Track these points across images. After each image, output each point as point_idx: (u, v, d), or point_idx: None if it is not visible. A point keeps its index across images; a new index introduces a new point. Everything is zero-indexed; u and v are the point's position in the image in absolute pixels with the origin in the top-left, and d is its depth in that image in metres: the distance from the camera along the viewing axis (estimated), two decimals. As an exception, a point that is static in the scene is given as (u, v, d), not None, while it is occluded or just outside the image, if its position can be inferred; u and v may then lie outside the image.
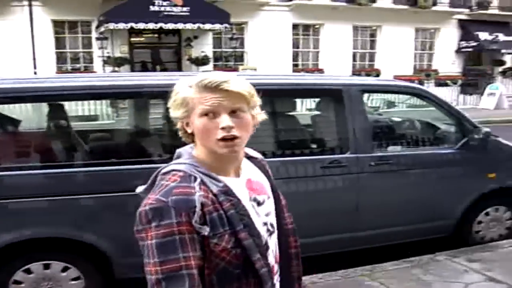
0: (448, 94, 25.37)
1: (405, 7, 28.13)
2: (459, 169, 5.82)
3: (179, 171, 1.68)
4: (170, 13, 21.58)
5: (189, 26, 22.07)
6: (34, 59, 21.60)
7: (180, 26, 21.90)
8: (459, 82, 28.38)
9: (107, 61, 22.58)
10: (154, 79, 5.04)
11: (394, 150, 5.60)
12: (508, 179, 6.10)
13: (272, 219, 1.86)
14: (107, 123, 12.96)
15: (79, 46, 23.45)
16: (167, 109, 1.76)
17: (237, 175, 1.80)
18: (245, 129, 1.69)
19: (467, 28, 30.23)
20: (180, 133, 1.78)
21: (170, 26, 21.73)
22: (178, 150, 1.83)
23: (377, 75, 26.31)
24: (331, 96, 5.48)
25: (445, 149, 5.85)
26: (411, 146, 5.95)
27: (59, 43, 23.01)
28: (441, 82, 27.81)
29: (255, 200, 1.79)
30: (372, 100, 7.12)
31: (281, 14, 26.07)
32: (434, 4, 28.74)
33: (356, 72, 26.91)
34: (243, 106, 1.67)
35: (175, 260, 1.53)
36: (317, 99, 6.04)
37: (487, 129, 5.74)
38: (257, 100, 1.74)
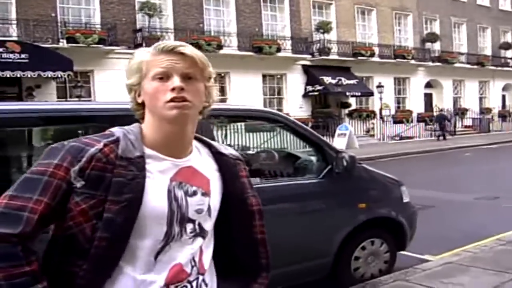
0: (299, 137, 25.67)
1: (251, 53, 28.65)
2: (326, 201, 5.27)
3: (110, 131, 1.70)
4: (7, 60, 20.05)
5: (28, 74, 20.68)
6: None
7: (18, 74, 20.46)
8: (310, 124, 29.00)
9: None
10: None
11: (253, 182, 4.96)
12: (380, 208, 5.69)
13: (204, 220, 1.74)
14: None
15: None
16: None
17: (178, 157, 1.72)
18: (196, 96, 1.68)
19: (311, 73, 31.45)
20: (131, 106, 1.76)
21: (8, 74, 20.14)
22: None
23: (228, 121, 26.12)
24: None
25: (308, 179, 5.28)
26: (269, 178, 5.35)
27: None
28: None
29: (180, 186, 1.69)
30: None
31: (127, 62, 25.21)
32: (279, 50, 29.51)
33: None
34: (196, 72, 1.68)
35: (25, 199, 1.52)
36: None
37: (352, 154, 5.27)
38: (211, 73, 1.75)
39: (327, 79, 30.89)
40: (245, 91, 28.19)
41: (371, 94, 33.43)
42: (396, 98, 36.88)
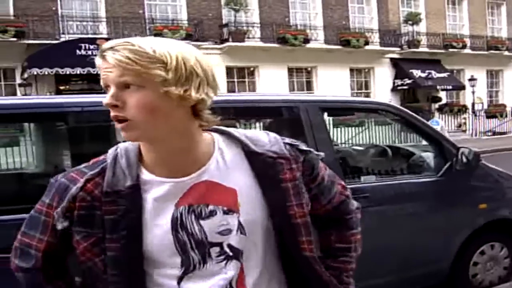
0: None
1: (338, 47, 28.10)
2: (445, 201, 4.83)
3: (108, 153, 1.50)
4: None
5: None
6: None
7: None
8: (399, 119, 28.28)
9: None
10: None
11: (368, 181, 4.58)
12: (500, 209, 5.19)
13: (237, 240, 1.45)
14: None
15: (2, 94, 21.87)
16: None
17: (184, 175, 1.43)
18: (141, 110, 1.32)
19: (400, 66, 30.52)
20: None
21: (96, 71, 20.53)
22: None
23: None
24: (286, 114, 4.51)
25: (426, 177, 4.88)
26: (385, 175, 4.98)
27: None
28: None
29: (190, 210, 1.42)
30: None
31: (213, 57, 25.39)
32: (366, 43, 28.79)
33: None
34: (135, 78, 1.31)
35: (31, 237, 1.51)
36: (268, 119, 5.03)
37: (475, 149, 4.81)
38: (162, 72, 1.31)
39: (417, 73, 29.93)
40: (332, 85, 27.61)
41: (463, 87, 32.11)
42: (489, 91, 35.25)
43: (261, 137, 1.56)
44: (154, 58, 1.31)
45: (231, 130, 1.55)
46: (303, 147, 1.60)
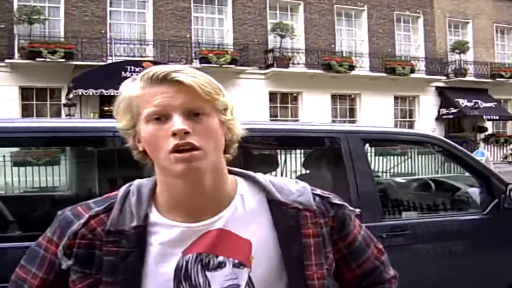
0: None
1: (383, 74, 27.84)
2: (491, 240, 4.55)
3: (121, 188, 1.39)
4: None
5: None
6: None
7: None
8: (443, 149, 27.76)
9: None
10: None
11: (409, 217, 4.39)
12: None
13: None
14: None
15: (47, 114, 22.36)
16: None
17: (199, 220, 1.30)
18: (209, 138, 1.23)
19: (445, 95, 30.02)
20: (135, 156, 1.36)
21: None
22: None
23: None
24: (327, 144, 4.37)
25: (471, 215, 4.66)
26: (427, 211, 4.78)
27: (27, 110, 22.03)
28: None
29: (198, 259, 1.28)
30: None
31: (257, 82, 25.44)
32: (412, 71, 28.45)
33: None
34: (204, 106, 1.25)
35: (27, 271, 1.39)
36: (308, 149, 4.89)
37: None
38: (228, 102, 1.31)
39: (463, 102, 29.36)
40: (375, 113, 27.38)
41: (510, 118, 31.46)
42: (537, 123, 34.41)
43: (289, 185, 1.42)
44: (215, 84, 1.30)
45: (256, 175, 1.43)
46: (336, 200, 1.45)
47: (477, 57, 31.51)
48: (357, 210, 1.49)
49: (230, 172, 1.41)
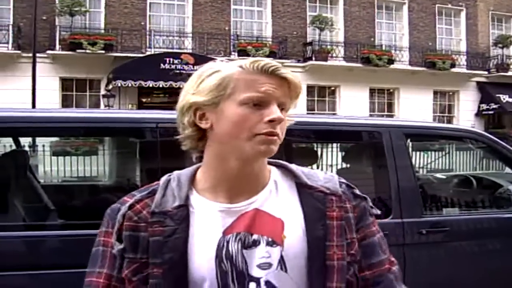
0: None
1: (423, 69, 27.47)
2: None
3: (163, 178, 1.47)
4: (181, 71, 20.72)
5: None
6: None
7: (181, 84, 21.06)
8: (483, 145, 27.29)
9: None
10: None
11: (450, 213, 4.34)
12: None
13: (278, 278, 1.33)
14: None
15: (86, 104, 22.71)
16: None
17: (239, 201, 1.39)
18: (283, 129, 1.38)
19: (486, 91, 29.39)
20: (184, 132, 1.43)
21: (181, 85, 20.86)
22: None
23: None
24: (368, 139, 4.33)
25: (513, 213, 4.56)
26: (467, 208, 4.70)
27: (67, 100, 22.42)
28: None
29: (237, 238, 1.35)
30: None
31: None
32: (453, 66, 28.02)
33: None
34: (287, 103, 1.40)
35: (91, 274, 1.40)
36: (349, 143, 4.86)
37: None
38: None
39: (504, 97, 28.74)
40: (414, 107, 27.05)
41: (552, 114, 30.71)
42: None
43: (317, 173, 1.52)
44: (301, 87, 1.45)
45: (287, 163, 1.52)
46: (359, 192, 1.52)
47: (520, 51, 30.84)
48: (378, 211, 1.54)
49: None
